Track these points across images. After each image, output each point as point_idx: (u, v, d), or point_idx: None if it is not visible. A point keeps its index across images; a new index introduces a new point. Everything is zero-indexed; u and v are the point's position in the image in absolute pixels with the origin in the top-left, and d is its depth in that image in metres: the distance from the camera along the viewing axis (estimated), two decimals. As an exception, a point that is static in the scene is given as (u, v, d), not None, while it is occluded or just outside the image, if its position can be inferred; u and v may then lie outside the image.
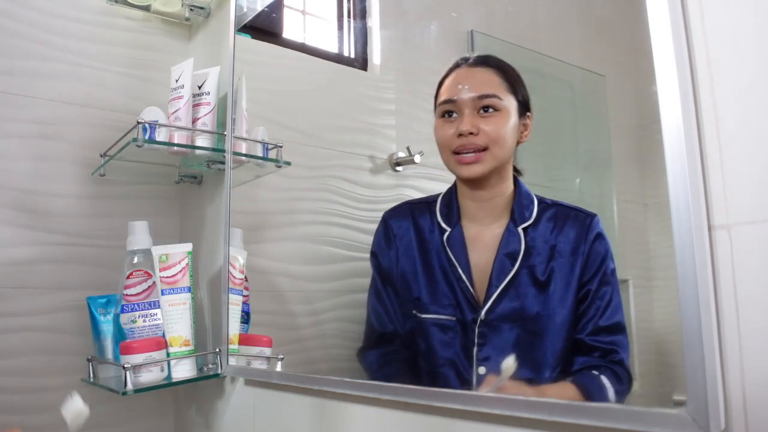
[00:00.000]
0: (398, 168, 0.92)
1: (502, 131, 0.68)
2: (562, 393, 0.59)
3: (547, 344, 0.64)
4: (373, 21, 1.05)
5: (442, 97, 0.72)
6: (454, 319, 0.69)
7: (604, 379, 0.58)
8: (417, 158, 0.89)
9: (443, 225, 0.72)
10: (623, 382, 0.56)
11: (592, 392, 0.58)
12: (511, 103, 0.68)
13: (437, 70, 0.92)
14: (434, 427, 0.64)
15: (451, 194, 0.73)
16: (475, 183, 0.71)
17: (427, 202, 0.75)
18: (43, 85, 1.14)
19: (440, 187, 0.86)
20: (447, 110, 0.71)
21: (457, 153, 0.70)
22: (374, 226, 0.95)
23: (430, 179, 0.89)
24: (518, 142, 0.70)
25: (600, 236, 0.63)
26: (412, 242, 0.74)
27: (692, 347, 0.42)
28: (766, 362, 0.40)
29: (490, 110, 0.68)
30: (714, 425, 0.41)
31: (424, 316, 0.71)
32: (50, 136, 1.14)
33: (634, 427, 0.45)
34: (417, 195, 0.90)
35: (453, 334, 0.68)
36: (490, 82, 0.69)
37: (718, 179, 0.44)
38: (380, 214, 0.95)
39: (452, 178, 0.83)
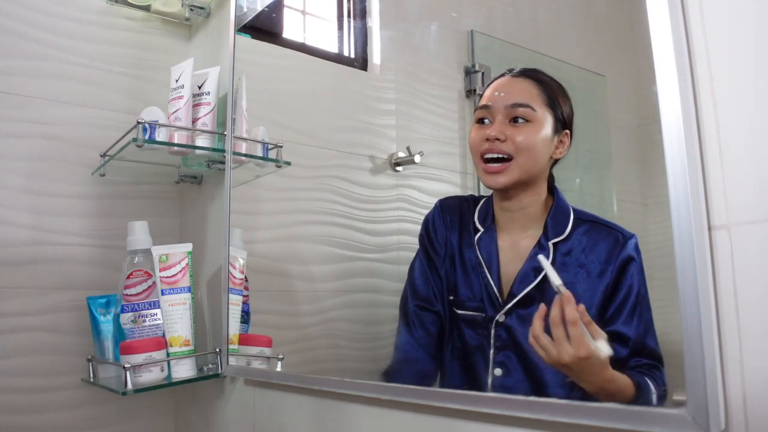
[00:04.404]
0: (398, 168, 0.92)
1: (531, 142, 0.68)
2: (624, 381, 0.58)
3: None
4: (373, 21, 1.05)
5: (480, 104, 0.73)
6: (483, 315, 0.69)
7: (648, 381, 0.57)
8: (417, 158, 0.89)
9: (478, 225, 0.73)
10: (661, 390, 0.56)
11: (641, 387, 0.58)
12: (545, 116, 0.68)
13: (437, 70, 0.92)
14: (434, 427, 0.64)
15: (489, 200, 0.74)
16: (502, 193, 0.71)
17: (474, 201, 0.76)
18: (43, 85, 1.14)
19: (440, 187, 0.86)
20: (481, 116, 0.71)
21: (484, 160, 0.70)
22: (374, 226, 0.95)
23: (430, 179, 0.89)
24: (553, 159, 0.69)
25: (631, 260, 0.61)
26: (456, 236, 0.75)
27: (692, 347, 0.42)
28: (766, 362, 0.40)
29: (522, 120, 0.68)
30: (714, 425, 0.41)
31: (458, 311, 0.72)
32: (50, 136, 1.14)
33: (634, 427, 0.45)
34: (417, 195, 0.90)
35: (481, 330, 0.69)
36: (526, 92, 0.69)
37: (718, 179, 0.44)
38: (380, 214, 0.95)
39: (453, 179, 0.83)
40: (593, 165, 0.72)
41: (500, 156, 0.68)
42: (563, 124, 0.68)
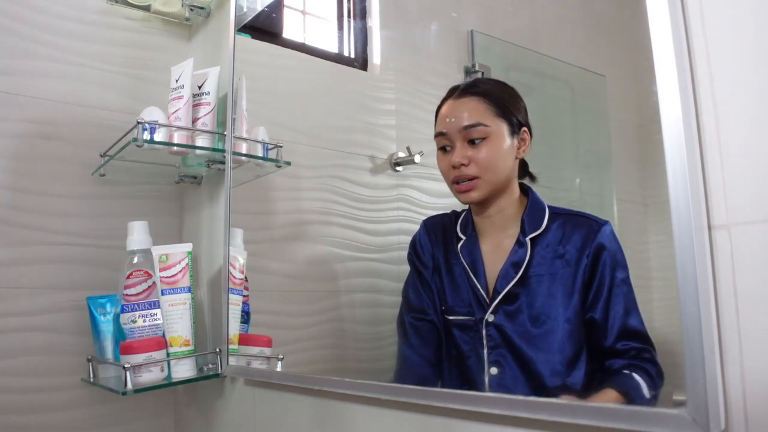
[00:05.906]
0: (398, 168, 0.92)
1: (492, 158, 0.71)
2: (606, 399, 0.60)
3: (554, 350, 0.65)
4: (373, 21, 1.05)
5: (437, 129, 0.75)
6: (473, 319, 0.71)
7: (637, 377, 0.58)
8: (417, 158, 0.89)
9: (460, 234, 0.76)
10: (655, 379, 0.57)
11: (629, 392, 0.59)
12: (500, 126, 0.70)
13: (437, 70, 0.92)
14: (434, 427, 0.64)
15: (469, 210, 0.77)
16: (477, 204, 0.74)
17: (455, 215, 0.79)
18: (43, 85, 1.14)
19: (440, 187, 0.86)
20: (442, 143, 0.74)
21: (455, 182, 0.73)
22: (374, 226, 0.95)
23: (430, 179, 0.89)
24: (518, 158, 0.71)
25: (606, 244, 0.63)
26: (441, 249, 0.78)
27: (692, 347, 0.42)
28: (766, 362, 0.40)
29: (479, 140, 0.70)
30: (714, 425, 0.41)
31: (449, 317, 0.74)
32: (50, 136, 1.14)
33: (634, 427, 0.45)
34: (417, 195, 0.90)
35: (473, 333, 0.71)
36: (474, 111, 0.71)
37: (718, 179, 0.44)
38: (380, 214, 0.95)
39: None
40: (593, 165, 0.72)
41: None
42: (519, 124, 0.71)
